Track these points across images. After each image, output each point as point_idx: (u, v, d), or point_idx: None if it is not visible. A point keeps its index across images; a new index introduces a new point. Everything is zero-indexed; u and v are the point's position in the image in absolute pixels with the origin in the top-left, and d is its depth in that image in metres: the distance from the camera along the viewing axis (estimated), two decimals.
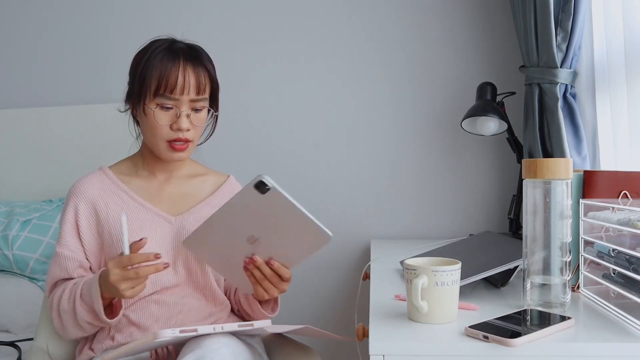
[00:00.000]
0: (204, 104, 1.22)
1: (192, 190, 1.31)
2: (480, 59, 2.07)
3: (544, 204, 1.00)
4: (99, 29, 2.21)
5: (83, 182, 1.28)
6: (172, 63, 1.18)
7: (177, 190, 1.30)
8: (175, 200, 1.28)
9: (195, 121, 1.22)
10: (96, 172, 1.31)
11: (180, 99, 1.18)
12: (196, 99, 1.20)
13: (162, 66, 1.17)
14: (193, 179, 1.33)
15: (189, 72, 1.19)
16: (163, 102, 1.18)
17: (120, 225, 1.09)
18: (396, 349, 0.86)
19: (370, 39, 2.11)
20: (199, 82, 1.20)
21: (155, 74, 1.17)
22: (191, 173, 1.34)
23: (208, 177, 1.35)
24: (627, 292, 0.97)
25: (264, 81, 2.13)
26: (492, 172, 2.08)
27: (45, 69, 2.25)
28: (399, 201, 2.11)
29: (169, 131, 1.20)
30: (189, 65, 1.19)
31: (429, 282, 0.92)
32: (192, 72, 1.19)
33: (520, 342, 0.84)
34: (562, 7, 1.62)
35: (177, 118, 1.19)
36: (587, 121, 1.67)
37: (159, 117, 1.19)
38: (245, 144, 2.15)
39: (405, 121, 2.11)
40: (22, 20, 2.27)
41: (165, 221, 1.24)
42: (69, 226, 1.24)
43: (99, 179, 1.29)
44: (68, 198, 1.27)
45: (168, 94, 1.17)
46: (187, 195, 1.30)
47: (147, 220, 1.23)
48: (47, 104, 2.23)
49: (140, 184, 1.29)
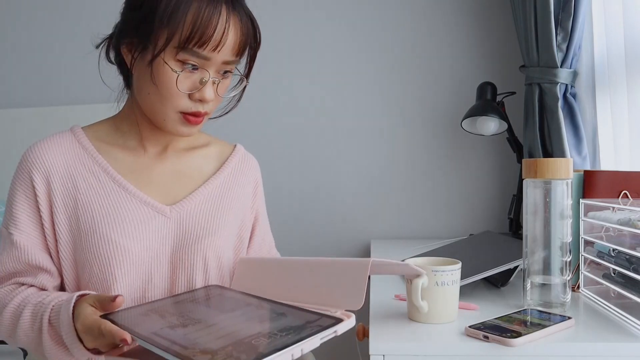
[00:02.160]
0: (233, 68, 0.95)
1: (190, 168, 1.04)
2: (480, 59, 2.07)
3: (544, 203, 1.00)
4: (99, 29, 2.21)
5: (44, 146, 0.95)
6: (213, 8, 0.87)
7: (172, 169, 1.02)
8: (170, 182, 1.00)
9: (220, 90, 0.94)
10: (65, 133, 0.99)
11: (211, 59, 0.89)
12: (230, 61, 0.92)
13: (200, 8, 0.86)
14: (192, 153, 1.06)
15: (231, 23, 0.89)
16: (189, 58, 0.88)
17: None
18: (396, 349, 0.86)
19: (369, 39, 2.11)
20: (241, 39, 0.91)
21: (189, 17, 0.86)
22: (190, 144, 1.07)
23: (211, 148, 1.09)
24: (627, 292, 0.97)
25: (264, 81, 2.13)
26: (492, 172, 2.08)
27: (45, 69, 2.25)
28: (399, 201, 2.11)
29: (187, 101, 0.91)
30: (234, 13, 0.90)
31: (429, 282, 0.92)
32: (236, 23, 0.90)
33: (520, 342, 0.84)
34: (562, 7, 1.62)
35: (201, 85, 0.90)
36: (587, 121, 1.67)
37: (180, 81, 0.89)
38: (244, 144, 2.15)
39: (405, 121, 2.11)
40: (22, 20, 2.27)
41: (158, 213, 0.96)
42: (25, 205, 0.93)
43: (69, 145, 0.97)
44: (20, 167, 0.95)
45: (200, 50, 0.87)
46: (184, 174, 1.03)
47: (132, 211, 0.94)
48: (47, 104, 2.23)
49: (123, 157, 0.99)
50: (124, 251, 0.92)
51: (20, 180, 0.95)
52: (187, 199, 1.00)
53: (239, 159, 1.10)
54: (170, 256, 0.96)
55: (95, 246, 0.92)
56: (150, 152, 1.01)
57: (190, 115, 0.92)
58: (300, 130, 2.14)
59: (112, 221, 0.93)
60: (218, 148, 1.10)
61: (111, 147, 0.99)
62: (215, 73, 0.92)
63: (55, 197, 0.94)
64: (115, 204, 0.94)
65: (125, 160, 0.99)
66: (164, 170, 1.01)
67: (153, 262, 0.94)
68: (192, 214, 0.99)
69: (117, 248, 0.92)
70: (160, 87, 0.89)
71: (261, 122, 2.15)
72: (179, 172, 1.02)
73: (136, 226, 0.94)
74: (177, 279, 0.96)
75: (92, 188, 0.94)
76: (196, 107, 0.92)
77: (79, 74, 2.22)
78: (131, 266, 0.92)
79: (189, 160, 1.04)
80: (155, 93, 0.91)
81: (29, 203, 0.94)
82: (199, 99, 0.91)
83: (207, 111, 0.94)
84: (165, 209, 0.97)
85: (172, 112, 0.92)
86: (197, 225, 0.98)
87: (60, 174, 0.94)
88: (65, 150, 0.96)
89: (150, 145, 1.01)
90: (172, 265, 0.96)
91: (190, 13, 0.86)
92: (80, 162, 0.96)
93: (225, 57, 0.90)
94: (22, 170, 0.95)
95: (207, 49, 0.88)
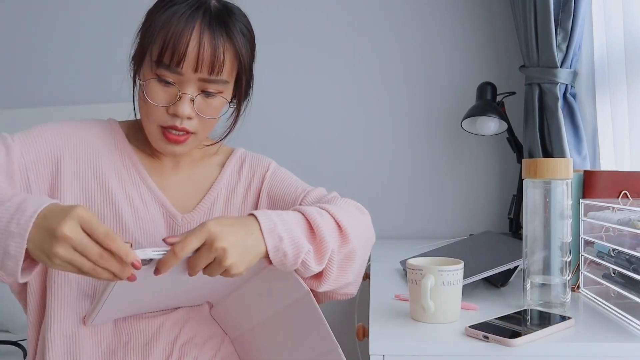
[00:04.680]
0: (219, 88, 0.94)
1: (199, 177, 1.06)
2: (480, 59, 2.07)
3: (544, 204, 1.00)
4: (100, 29, 2.21)
5: (86, 126, 0.98)
6: (185, 23, 0.88)
7: (185, 178, 1.05)
8: (183, 190, 1.03)
9: (204, 109, 0.93)
10: (105, 122, 1.02)
11: (185, 75, 0.90)
12: (208, 80, 0.91)
13: (171, 25, 0.88)
14: (204, 162, 1.08)
15: (205, 40, 0.89)
16: (163, 73, 0.90)
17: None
18: (396, 349, 0.86)
19: (370, 39, 2.11)
20: (216, 58, 0.90)
21: (161, 34, 0.88)
22: (203, 154, 1.08)
23: (217, 157, 1.10)
24: (627, 292, 0.97)
25: (264, 80, 2.13)
26: (492, 172, 2.08)
27: (45, 69, 2.25)
28: (399, 201, 2.11)
29: (163, 114, 0.92)
30: (207, 31, 0.89)
31: (435, 281, 0.92)
32: (209, 41, 0.89)
33: (520, 342, 0.84)
34: (562, 7, 1.62)
35: (177, 99, 0.91)
36: (587, 121, 1.67)
37: (154, 93, 0.91)
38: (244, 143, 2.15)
39: (405, 121, 2.11)
40: (22, 21, 2.27)
41: (171, 218, 1.00)
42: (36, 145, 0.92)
43: (103, 130, 1.00)
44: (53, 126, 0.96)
45: (172, 65, 0.89)
46: (194, 183, 1.05)
47: (150, 212, 0.98)
48: (47, 104, 2.23)
49: (145, 160, 1.02)
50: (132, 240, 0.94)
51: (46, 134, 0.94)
52: (196, 209, 1.03)
53: (237, 159, 1.11)
54: None
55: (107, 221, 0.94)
56: (164, 160, 1.04)
57: (168, 130, 0.93)
58: (300, 130, 2.14)
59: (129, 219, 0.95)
60: (222, 155, 1.12)
61: (138, 148, 1.03)
62: (195, 91, 0.92)
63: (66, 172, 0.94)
64: (137, 202, 0.97)
65: (149, 163, 1.02)
66: (178, 179, 1.04)
67: None
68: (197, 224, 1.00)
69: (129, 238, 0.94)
70: (142, 100, 0.93)
71: (261, 122, 2.15)
72: (191, 181, 1.05)
73: (149, 226, 0.97)
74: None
75: (122, 183, 0.97)
76: (172, 121, 0.92)
77: (78, 74, 2.22)
78: None
79: (199, 169, 1.07)
80: (142, 106, 0.95)
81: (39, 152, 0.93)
82: (173, 112, 0.92)
83: (187, 128, 0.93)
84: (177, 216, 1.00)
85: (153, 126, 0.94)
86: None
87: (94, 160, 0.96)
88: (99, 133, 0.99)
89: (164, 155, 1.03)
90: None
91: (164, 29, 0.89)
92: (114, 155, 0.98)
93: (202, 75, 0.91)
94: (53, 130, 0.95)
95: (177, 64, 0.89)
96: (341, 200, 1.03)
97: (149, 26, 0.91)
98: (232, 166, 1.09)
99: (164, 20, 0.89)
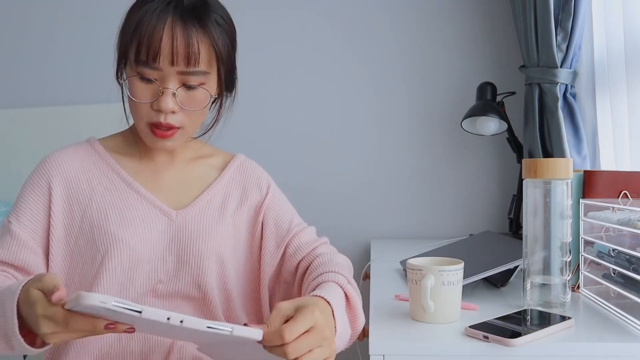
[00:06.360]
0: (200, 80, 0.95)
1: (195, 176, 1.08)
2: (480, 59, 2.07)
3: (544, 204, 1.00)
4: (100, 29, 2.21)
5: (63, 154, 1.02)
6: (157, 19, 0.90)
7: (178, 176, 1.06)
8: (177, 188, 1.05)
9: (187, 102, 0.95)
10: (82, 144, 1.05)
11: (164, 70, 0.92)
12: (187, 72, 0.93)
13: (144, 22, 0.91)
14: (196, 162, 1.10)
15: (178, 33, 0.90)
16: (142, 70, 0.92)
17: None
18: (396, 349, 0.86)
19: (370, 39, 2.11)
20: (190, 49, 0.91)
21: (136, 33, 0.91)
22: (196, 154, 1.10)
23: (214, 158, 1.12)
24: (627, 292, 0.97)
25: (262, 80, 2.13)
26: (492, 172, 2.08)
27: (45, 69, 2.25)
28: (399, 201, 2.11)
29: (149, 111, 0.94)
30: (179, 23, 0.91)
31: (435, 281, 0.92)
32: (182, 33, 0.91)
33: (520, 342, 0.84)
34: (562, 7, 1.62)
35: (159, 95, 0.93)
36: (587, 121, 1.67)
37: (137, 91, 0.93)
38: (243, 143, 2.15)
39: (405, 121, 2.11)
40: (22, 21, 2.27)
41: (164, 215, 1.00)
42: (35, 204, 0.97)
43: (86, 153, 1.04)
44: (39, 170, 1.01)
45: (149, 62, 0.91)
46: (189, 182, 1.07)
47: (141, 212, 0.99)
48: (47, 104, 2.23)
49: (135, 165, 1.04)
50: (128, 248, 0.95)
51: (36, 182, 1.00)
52: (191, 205, 1.03)
53: (238, 165, 1.13)
54: (174, 260, 0.99)
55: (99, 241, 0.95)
56: (158, 160, 1.06)
57: (155, 126, 0.95)
58: (299, 130, 2.14)
59: (120, 218, 0.97)
60: (221, 158, 1.13)
61: (123, 156, 1.05)
62: (176, 85, 0.94)
63: (72, 201, 0.99)
64: (126, 204, 0.99)
65: (137, 167, 1.04)
66: (171, 178, 1.06)
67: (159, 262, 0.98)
68: (194, 218, 1.02)
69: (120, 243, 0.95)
70: (130, 99, 0.96)
71: (260, 122, 2.15)
72: (185, 180, 1.07)
73: (143, 225, 0.98)
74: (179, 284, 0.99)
75: (107, 190, 1.00)
76: (158, 117, 0.94)
77: (79, 74, 2.22)
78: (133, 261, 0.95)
79: (195, 169, 1.09)
80: (130, 107, 0.97)
81: (39, 205, 0.98)
82: (157, 108, 0.94)
83: (171, 123, 0.95)
84: (171, 213, 1.01)
85: (142, 124, 0.97)
86: (198, 228, 1.02)
87: (77, 179, 1.00)
88: (82, 157, 1.03)
89: (157, 155, 1.05)
90: (176, 270, 0.99)
91: (139, 27, 0.91)
92: (96, 166, 1.02)
93: (179, 68, 0.92)
94: (40, 174, 1.00)
95: (154, 60, 0.91)
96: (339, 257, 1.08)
97: (126, 26, 0.94)
98: (233, 171, 1.11)
99: (138, 18, 0.91)
